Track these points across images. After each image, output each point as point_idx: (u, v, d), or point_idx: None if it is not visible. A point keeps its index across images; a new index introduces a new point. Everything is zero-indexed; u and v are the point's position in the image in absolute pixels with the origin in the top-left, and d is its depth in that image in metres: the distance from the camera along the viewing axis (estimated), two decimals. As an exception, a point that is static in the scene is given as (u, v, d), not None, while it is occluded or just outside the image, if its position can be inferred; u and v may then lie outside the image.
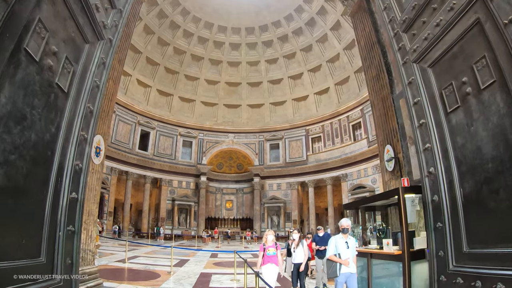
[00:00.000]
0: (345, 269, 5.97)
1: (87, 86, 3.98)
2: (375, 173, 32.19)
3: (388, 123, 8.67)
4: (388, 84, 8.77)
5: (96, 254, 13.15)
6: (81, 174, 3.92)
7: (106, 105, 9.11)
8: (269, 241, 7.27)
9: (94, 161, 8.31)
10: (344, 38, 34.93)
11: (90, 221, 8.03)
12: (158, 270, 10.49)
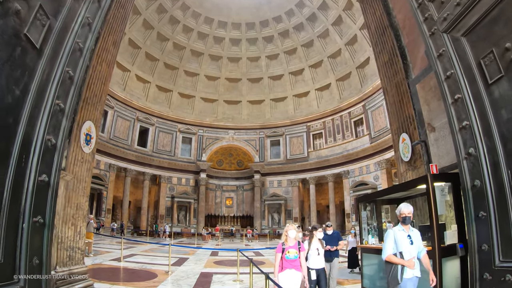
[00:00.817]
0: (410, 273, 4.36)
1: (66, 47, 3.17)
2: (377, 170, 31.56)
3: (403, 110, 8.00)
4: (403, 69, 8.10)
5: (90, 253, 12.37)
6: (55, 153, 3.08)
7: (98, 89, 8.35)
8: (290, 240, 5.37)
9: (84, 149, 7.51)
10: (345, 34, 34.21)
11: (79, 216, 7.24)
12: (155, 270, 9.70)
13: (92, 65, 8.03)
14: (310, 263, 6.26)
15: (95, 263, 10.50)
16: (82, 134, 7.50)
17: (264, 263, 11.84)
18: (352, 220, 33.08)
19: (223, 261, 12.67)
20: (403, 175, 8.06)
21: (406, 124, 7.88)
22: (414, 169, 7.50)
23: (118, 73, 34.30)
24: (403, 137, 7.86)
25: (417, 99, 7.53)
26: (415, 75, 7.64)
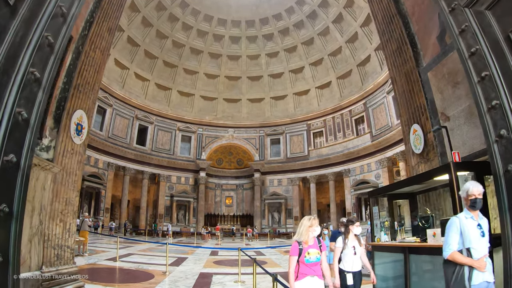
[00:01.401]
0: (479, 277, 3.16)
1: (47, 9, 2.63)
2: (378, 168, 31.10)
3: (414, 100, 7.58)
4: (413, 57, 7.69)
5: (85, 252, 11.81)
6: (28, 130, 2.52)
7: (91, 77, 7.82)
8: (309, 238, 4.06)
9: (74, 140, 6.98)
10: (346, 31, 33.74)
11: (68, 212, 6.69)
12: (151, 270, 9.15)
13: (85, 51, 7.54)
14: (345, 265, 5.08)
15: (89, 262, 9.96)
16: (73, 123, 6.97)
17: (266, 263, 11.30)
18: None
19: (223, 260, 12.11)
20: (415, 168, 7.59)
21: (417, 114, 7.46)
22: (427, 161, 7.04)
23: (116, 70, 33.83)
24: (414, 128, 7.41)
25: (429, 88, 7.15)
26: (426, 62, 7.25)
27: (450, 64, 6.40)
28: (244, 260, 9.97)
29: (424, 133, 7.04)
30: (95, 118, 31.08)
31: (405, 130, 8.08)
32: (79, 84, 7.32)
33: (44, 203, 5.98)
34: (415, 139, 7.34)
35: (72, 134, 6.92)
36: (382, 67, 31.50)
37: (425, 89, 7.22)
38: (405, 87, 7.99)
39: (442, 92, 6.63)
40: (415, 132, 7.35)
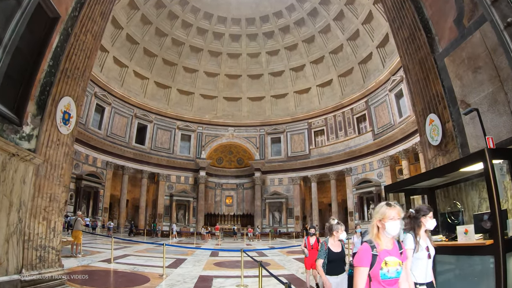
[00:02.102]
0: None
1: None
2: (381, 167, 30.46)
3: (430, 88, 7.04)
4: (427, 43, 7.16)
5: (79, 253, 11.05)
6: None
7: (81, 62, 7.10)
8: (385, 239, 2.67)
9: (61, 129, 6.24)
10: (347, 29, 33.13)
11: (53, 209, 5.94)
12: (147, 273, 8.37)
13: (74, 33, 6.83)
14: (417, 274, 3.55)
15: (81, 264, 9.21)
16: (59, 111, 6.23)
17: (269, 264, 10.54)
18: (355, 219, 31.97)
19: (224, 262, 11.32)
20: (432, 161, 6.95)
21: (433, 103, 6.91)
22: (446, 153, 6.47)
23: (115, 68, 33.14)
24: (430, 118, 6.84)
25: (446, 75, 6.65)
26: (443, 48, 6.77)
27: (470, 48, 5.90)
28: (246, 262, 9.24)
29: (442, 123, 6.52)
30: (93, 117, 30.48)
31: (420, 121, 7.50)
32: (67, 69, 6.61)
33: (24, 199, 5.24)
34: (432, 130, 6.78)
35: (58, 123, 6.19)
36: (384, 65, 30.91)
37: (442, 76, 6.73)
38: (419, 75, 7.47)
39: (461, 79, 6.16)
40: (432, 123, 6.80)
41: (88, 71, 7.45)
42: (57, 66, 6.38)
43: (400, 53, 8.62)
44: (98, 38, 7.97)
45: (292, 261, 11.72)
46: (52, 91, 6.14)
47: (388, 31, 29.25)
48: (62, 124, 6.27)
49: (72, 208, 27.20)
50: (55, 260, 5.95)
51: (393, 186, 7.63)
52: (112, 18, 30.81)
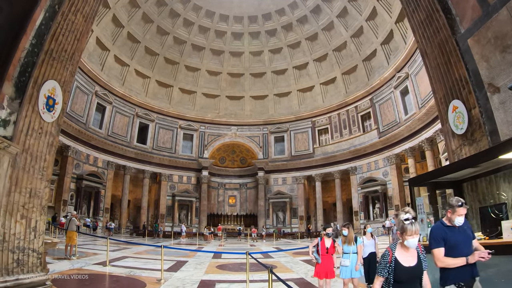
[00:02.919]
0: None
1: None
2: (386, 165, 29.72)
3: (452, 73, 6.43)
4: (447, 25, 6.57)
5: (73, 255, 10.28)
6: None
7: (70, 44, 6.31)
8: None
9: (44, 116, 5.46)
10: (351, 26, 32.39)
11: (33, 206, 5.15)
12: (144, 277, 7.57)
13: (62, 11, 6.05)
14: None
15: (74, 267, 8.42)
16: (42, 95, 5.45)
17: (276, 267, 9.72)
18: (361, 218, 31.19)
19: (227, 265, 10.46)
20: (456, 152, 6.28)
21: (456, 88, 6.30)
22: (473, 142, 5.84)
23: (116, 67, 32.49)
24: (454, 105, 6.24)
25: (470, 57, 6.01)
26: (465, 28, 6.18)
27: (496, 27, 5.31)
28: (251, 264, 8.41)
29: (467, 109, 5.90)
30: (94, 116, 29.81)
31: (442, 109, 6.86)
32: (53, 50, 5.83)
33: (-3, 193, 4.47)
34: (456, 117, 6.15)
35: (41, 109, 5.42)
36: (388, 62, 30.19)
37: (465, 58, 6.09)
38: (439, 60, 6.84)
39: (488, 60, 5.56)
40: (456, 110, 6.18)
41: (77, 55, 6.67)
42: (41, 45, 5.62)
43: (417, 37, 8.03)
44: (89, 21, 7.19)
45: (300, 263, 10.86)
46: (34, 72, 5.38)
47: (392, 28, 28.56)
48: (45, 111, 5.50)
49: (72, 209, 26.46)
50: (36, 264, 5.16)
51: (418, 179, 6.81)
52: (113, 16, 30.25)
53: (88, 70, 28.71)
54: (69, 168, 26.40)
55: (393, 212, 28.72)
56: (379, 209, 30.23)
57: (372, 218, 30.57)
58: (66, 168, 26.15)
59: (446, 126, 6.67)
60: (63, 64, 6.11)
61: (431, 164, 24.92)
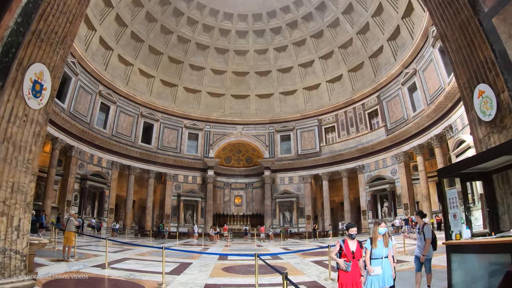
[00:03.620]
0: None
1: None
2: (394, 163, 29.02)
3: (476, 55, 5.91)
4: (468, 4, 6.07)
5: (70, 257, 9.69)
6: None
7: (61, 26, 5.72)
8: None
9: (29, 102, 4.86)
10: (357, 22, 31.75)
11: (16, 202, 4.54)
12: (144, 281, 6.94)
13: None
14: None
15: (71, 270, 7.82)
16: (28, 79, 4.85)
17: (285, 269, 9.02)
18: (369, 217, 30.47)
19: (234, 267, 9.76)
20: (484, 140, 5.75)
21: (482, 71, 5.78)
22: (502, 129, 5.34)
23: (120, 67, 32.07)
24: (480, 90, 5.72)
25: (496, 37, 5.54)
26: (488, 7, 5.75)
27: None
28: (259, 266, 7.75)
29: (496, 93, 5.38)
30: (98, 116, 29.41)
31: (466, 95, 6.36)
32: (42, 31, 5.24)
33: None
34: (483, 103, 5.64)
35: (26, 94, 4.82)
36: (395, 58, 29.50)
37: (491, 39, 5.60)
38: (461, 42, 6.36)
39: None
40: (482, 94, 5.67)
41: (69, 39, 6.07)
42: (28, 25, 5.04)
43: (435, 20, 7.50)
44: (83, 3, 6.59)
45: (311, 264, 10.15)
46: (19, 53, 4.79)
47: (399, 23, 27.90)
48: (31, 96, 4.90)
49: (77, 209, 26.02)
50: (20, 268, 4.56)
51: (448, 170, 6.10)
52: (116, 16, 29.85)
53: (91, 69, 28.30)
54: (73, 168, 25.96)
55: (401, 211, 28.05)
56: (388, 208, 29.47)
57: (380, 217, 29.81)
58: (70, 168, 25.71)
59: (471, 113, 6.13)
60: (53, 47, 5.52)
61: (440, 161, 24.22)
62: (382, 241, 4.72)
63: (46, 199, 23.40)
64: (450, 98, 21.94)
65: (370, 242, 4.78)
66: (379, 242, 4.72)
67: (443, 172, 5.76)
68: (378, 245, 4.69)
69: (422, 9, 24.68)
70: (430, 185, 26.86)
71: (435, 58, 24.08)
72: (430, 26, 23.62)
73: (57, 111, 23.65)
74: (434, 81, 24.51)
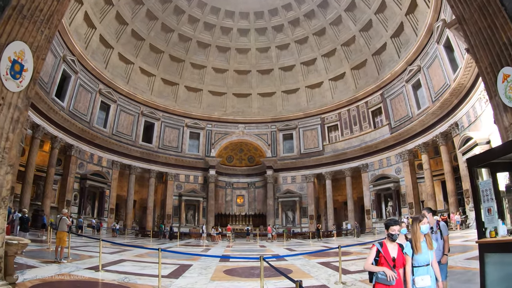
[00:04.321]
0: None
1: None
2: (399, 161, 28.41)
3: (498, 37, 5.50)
4: None
5: (63, 258, 9.08)
6: None
7: (47, 4, 5.17)
8: None
9: (7, 84, 4.27)
10: (360, 19, 31.17)
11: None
12: (139, 285, 6.34)
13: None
14: None
15: (61, 272, 7.20)
16: (6, 58, 4.24)
17: (291, 271, 8.39)
18: (373, 217, 29.80)
19: (236, 269, 9.09)
20: (510, 128, 5.29)
21: (506, 54, 5.34)
22: None
23: (120, 65, 31.58)
24: (504, 74, 5.28)
25: None
26: None
27: None
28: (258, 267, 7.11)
29: None
30: (98, 115, 28.88)
31: (489, 80, 5.86)
32: (24, 7, 4.65)
33: None
34: (508, 87, 5.20)
35: (3, 74, 4.22)
36: (399, 55, 28.90)
37: None
38: (481, 24, 5.92)
39: None
40: (507, 78, 5.22)
41: (56, 18, 5.48)
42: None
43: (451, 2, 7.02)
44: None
45: (318, 266, 9.49)
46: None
47: (402, 20, 27.36)
48: (9, 77, 4.31)
49: (76, 209, 25.52)
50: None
51: (479, 159, 5.44)
52: (116, 14, 29.36)
53: (91, 68, 27.77)
54: (73, 167, 25.41)
55: (406, 210, 27.41)
56: (392, 208, 28.81)
57: (384, 217, 29.18)
58: (70, 167, 25.16)
59: (495, 99, 5.62)
60: (36, 26, 4.93)
61: (446, 159, 23.66)
62: (425, 242, 3.63)
63: (45, 199, 22.86)
64: (456, 95, 21.35)
65: (411, 245, 3.62)
66: (423, 245, 3.60)
67: (473, 162, 5.14)
68: (421, 248, 3.58)
69: (426, 5, 24.14)
70: (435, 184, 26.25)
71: (440, 55, 23.51)
72: (435, 22, 23.06)
73: (56, 110, 23.11)
74: (439, 77, 23.93)
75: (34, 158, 21.59)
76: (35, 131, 21.76)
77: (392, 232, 3.59)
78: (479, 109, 19.04)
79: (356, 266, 9.06)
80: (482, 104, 18.44)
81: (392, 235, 3.58)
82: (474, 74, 18.80)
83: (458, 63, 21.11)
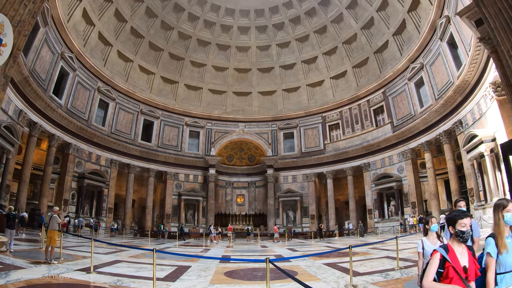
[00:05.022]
0: None
1: None
2: (401, 160, 27.94)
3: None
4: None
5: (57, 258, 8.54)
6: None
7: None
8: None
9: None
10: (361, 17, 30.75)
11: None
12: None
13: None
14: None
15: (50, 274, 6.64)
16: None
17: (296, 273, 7.83)
18: (375, 217, 29.28)
19: (237, 271, 8.49)
20: None
21: None
22: None
23: (120, 63, 31.10)
24: None
25: None
26: None
27: None
28: (262, 268, 6.55)
29: None
30: (97, 113, 28.36)
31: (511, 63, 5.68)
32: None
33: None
34: None
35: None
36: (401, 53, 28.47)
37: None
38: (500, 5, 5.81)
39: None
40: None
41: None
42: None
43: None
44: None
45: (324, 267, 8.89)
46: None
47: (405, 17, 26.89)
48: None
49: (74, 209, 24.99)
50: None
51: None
52: (116, 11, 28.88)
53: (90, 65, 27.27)
54: (70, 166, 24.86)
55: (409, 209, 26.86)
56: (394, 207, 28.27)
57: (387, 216, 28.66)
58: (67, 166, 24.63)
59: None
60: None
61: (449, 158, 23.09)
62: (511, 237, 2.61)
63: (42, 198, 22.29)
64: (460, 92, 20.80)
65: (495, 242, 2.58)
66: (509, 241, 2.57)
67: (507, 147, 4.61)
68: (508, 246, 2.54)
69: (429, 1, 23.62)
70: (439, 183, 25.72)
71: (443, 52, 23.00)
72: (438, 19, 22.57)
73: (53, 107, 22.57)
74: (443, 75, 23.41)
75: (31, 157, 21.06)
76: (32, 129, 21.25)
77: (462, 228, 2.51)
78: (484, 106, 18.50)
79: (365, 267, 8.50)
80: (487, 101, 17.88)
81: (463, 233, 2.50)
82: (479, 71, 18.29)
83: (462, 60, 20.58)
